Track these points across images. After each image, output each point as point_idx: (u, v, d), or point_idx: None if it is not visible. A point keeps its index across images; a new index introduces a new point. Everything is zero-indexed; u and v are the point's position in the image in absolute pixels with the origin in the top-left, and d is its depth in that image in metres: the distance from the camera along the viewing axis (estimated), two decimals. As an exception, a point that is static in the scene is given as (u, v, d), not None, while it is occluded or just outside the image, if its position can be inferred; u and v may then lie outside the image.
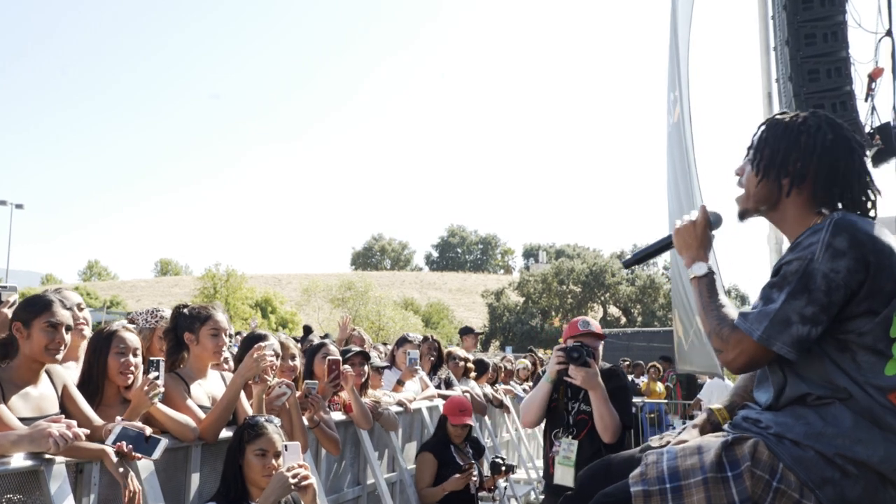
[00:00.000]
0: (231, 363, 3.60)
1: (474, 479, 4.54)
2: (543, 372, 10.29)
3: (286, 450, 2.74)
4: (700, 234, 1.88)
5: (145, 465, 2.56)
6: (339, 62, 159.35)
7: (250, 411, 3.08)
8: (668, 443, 1.93)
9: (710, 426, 1.95)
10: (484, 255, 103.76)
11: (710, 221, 1.89)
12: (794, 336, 1.61)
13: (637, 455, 1.99)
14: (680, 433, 1.98)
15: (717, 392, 11.83)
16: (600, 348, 3.28)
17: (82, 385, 2.75)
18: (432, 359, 5.82)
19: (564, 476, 3.10)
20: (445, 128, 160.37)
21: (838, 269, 1.58)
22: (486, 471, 4.93)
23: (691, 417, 10.88)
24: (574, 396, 3.21)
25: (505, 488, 5.14)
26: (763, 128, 1.83)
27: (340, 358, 3.92)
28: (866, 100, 8.64)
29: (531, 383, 9.07)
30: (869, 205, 1.75)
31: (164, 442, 2.48)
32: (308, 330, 8.59)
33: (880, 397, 1.59)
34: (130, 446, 2.42)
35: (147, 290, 69.57)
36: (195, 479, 2.93)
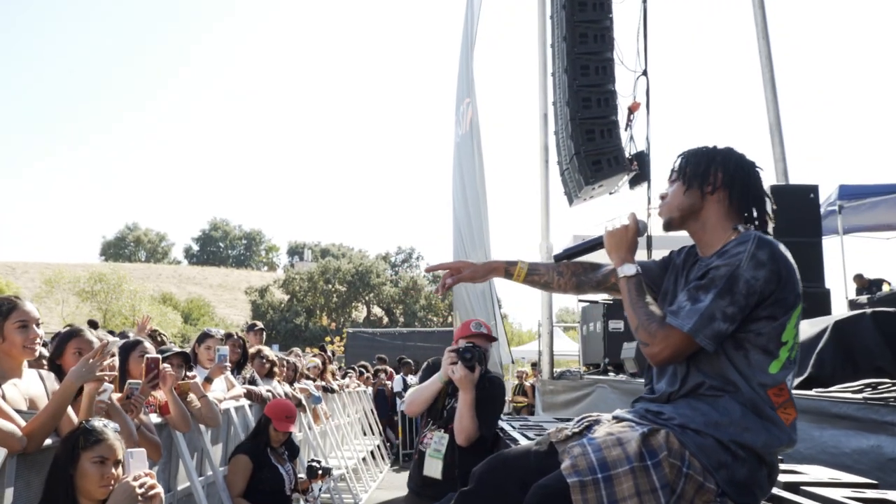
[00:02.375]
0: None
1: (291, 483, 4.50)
2: (336, 372, 10.25)
3: (131, 457, 2.51)
4: (630, 238, 2.04)
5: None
6: (104, 44, 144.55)
7: (73, 416, 2.79)
8: (567, 435, 2.01)
9: (505, 273, 2.26)
10: (248, 250, 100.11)
11: (639, 228, 2.06)
12: (716, 331, 1.82)
13: (533, 448, 2.07)
14: (590, 424, 2.05)
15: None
16: (490, 350, 3.31)
17: None
18: (237, 356, 5.63)
19: (433, 468, 3.13)
20: (211, 118, 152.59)
21: (758, 277, 1.82)
22: (301, 473, 4.88)
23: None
24: (454, 394, 3.24)
25: (320, 489, 5.13)
26: (681, 157, 2.07)
27: (160, 357, 3.68)
28: (626, 129, 9.83)
29: (322, 382, 9.09)
30: (768, 224, 2.03)
31: (2, 451, 2.18)
32: (94, 325, 7.78)
33: (762, 392, 1.86)
34: None
35: None
36: (9, 494, 2.57)
